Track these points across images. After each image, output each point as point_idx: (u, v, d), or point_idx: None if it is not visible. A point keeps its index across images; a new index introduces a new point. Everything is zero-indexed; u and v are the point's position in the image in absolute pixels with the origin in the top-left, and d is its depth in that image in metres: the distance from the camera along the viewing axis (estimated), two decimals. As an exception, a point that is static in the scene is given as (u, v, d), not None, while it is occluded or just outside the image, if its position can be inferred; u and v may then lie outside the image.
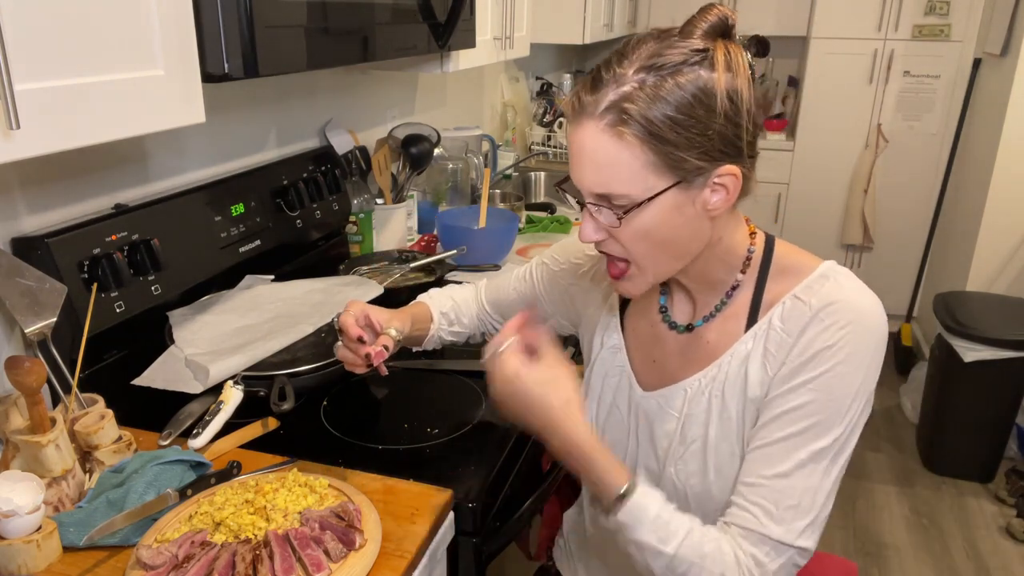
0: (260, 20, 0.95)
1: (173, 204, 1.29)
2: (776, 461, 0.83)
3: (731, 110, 0.77)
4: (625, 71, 0.77)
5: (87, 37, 0.76)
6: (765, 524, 0.81)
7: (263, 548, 0.80)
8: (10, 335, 1.08)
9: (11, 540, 0.82)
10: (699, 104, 0.76)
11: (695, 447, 0.91)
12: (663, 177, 0.78)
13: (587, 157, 0.80)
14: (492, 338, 0.87)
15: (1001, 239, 3.03)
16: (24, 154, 0.71)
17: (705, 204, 0.81)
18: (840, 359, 0.81)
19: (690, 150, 0.77)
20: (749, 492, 0.84)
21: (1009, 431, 2.74)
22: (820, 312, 0.83)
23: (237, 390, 1.11)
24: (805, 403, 0.82)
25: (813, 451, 0.81)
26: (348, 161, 1.85)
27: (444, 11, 1.46)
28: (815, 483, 0.81)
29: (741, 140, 0.79)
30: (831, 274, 0.86)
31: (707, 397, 0.91)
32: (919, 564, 2.39)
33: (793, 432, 0.82)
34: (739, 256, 0.90)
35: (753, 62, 0.80)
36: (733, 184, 0.80)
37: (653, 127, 0.76)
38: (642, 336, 1.00)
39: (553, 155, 3.13)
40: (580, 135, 0.80)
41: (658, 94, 0.76)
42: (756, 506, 0.82)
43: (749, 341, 0.88)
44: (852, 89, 3.68)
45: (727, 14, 0.80)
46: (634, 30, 3.92)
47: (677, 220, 0.81)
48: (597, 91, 0.78)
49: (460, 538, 1.01)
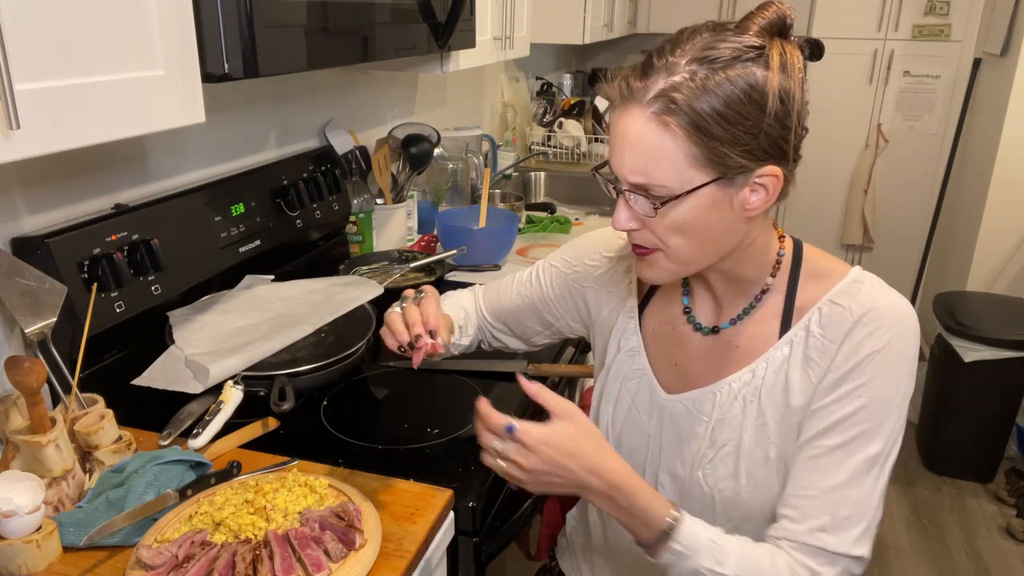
0: (260, 20, 0.95)
1: (173, 204, 1.29)
2: (830, 472, 0.82)
3: (781, 111, 0.76)
4: (677, 60, 0.76)
5: (87, 37, 0.76)
6: (820, 537, 0.81)
7: (263, 548, 0.80)
8: (10, 335, 1.08)
9: (11, 540, 0.82)
10: (749, 101, 0.75)
11: (726, 451, 0.90)
12: (704, 171, 0.77)
13: (629, 144, 0.78)
14: (483, 429, 0.82)
15: (1001, 239, 3.03)
16: (24, 154, 0.71)
17: (744, 203, 0.80)
18: (888, 364, 0.81)
19: (735, 147, 0.76)
20: (802, 503, 0.83)
21: (1009, 431, 2.73)
22: (863, 318, 0.82)
23: (237, 390, 1.11)
24: (856, 410, 0.82)
25: (865, 458, 0.81)
26: (348, 161, 1.85)
27: (444, 11, 1.46)
28: (868, 491, 0.81)
29: (788, 143, 0.79)
30: (863, 279, 0.86)
31: (741, 402, 0.90)
32: (919, 564, 2.39)
33: (845, 440, 0.82)
34: (769, 259, 0.89)
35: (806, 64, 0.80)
36: (773, 185, 0.80)
37: (700, 120, 0.75)
38: (663, 338, 0.98)
39: (553, 155, 3.13)
40: (625, 121, 0.79)
41: (708, 86, 0.74)
42: (811, 518, 0.82)
43: (785, 347, 0.88)
44: (852, 89, 3.68)
45: (786, 12, 0.78)
46: (634, 30, 3.92)
47: (713, 216, 0.80)
48: (647, 78, 0.77)
49: (460, 538, 1.01)
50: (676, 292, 0.98)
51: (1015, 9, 2.96)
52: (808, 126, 0.83)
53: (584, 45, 3.04)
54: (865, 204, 3.77)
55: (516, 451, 0.80)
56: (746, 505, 0.89)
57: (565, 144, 3.09)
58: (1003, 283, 3.08)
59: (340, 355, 1.21)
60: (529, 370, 1.30)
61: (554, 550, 1.24)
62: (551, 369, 1.32)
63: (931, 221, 3.69)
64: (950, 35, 3.50)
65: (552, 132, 3.13)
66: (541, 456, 0.79)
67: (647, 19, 4.04)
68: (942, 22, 3.49)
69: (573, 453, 0.79)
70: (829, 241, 3.91)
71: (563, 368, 1.34)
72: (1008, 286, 3.07)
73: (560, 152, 3.11)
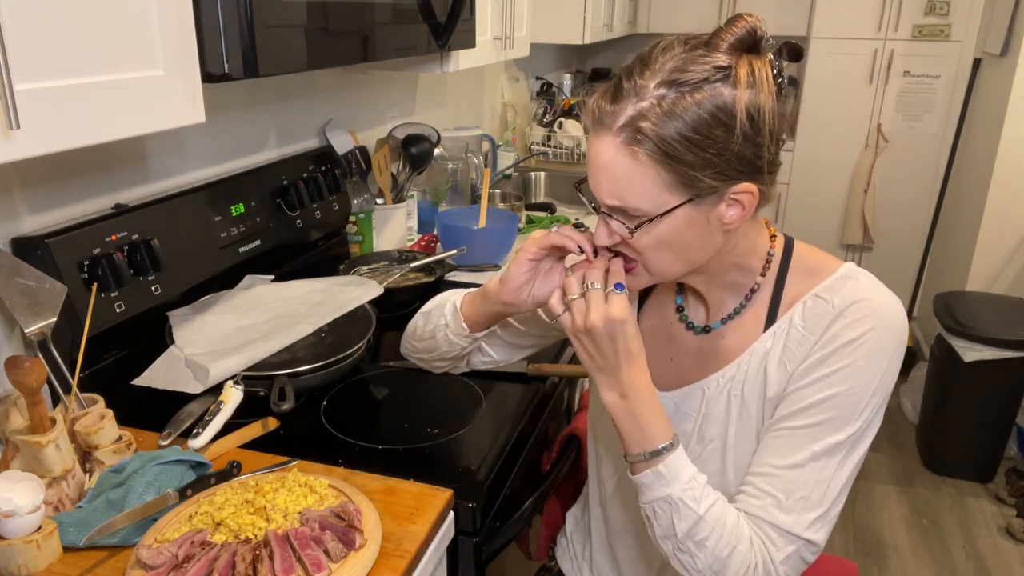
0: (260, 20, 0.95)
1: (173, 204, 1.29)
2: (789, 451, 0.83)
3: (751, 129, 0.76)
4: (646, 83, 0.77)
5: (87, 37, 0.76)
6: (773, 512, 0.82)
7: (263, 548, 0.80)
8: (10, 335, 1.08)
9: (11, 540, 0.82)
10: (717, 124, 0.75)
11: (713, 447, 0.92)
12: (676, 194, 0.78)
13: (603, 168, 0.80)
14: (568, 272, 0.87)
15: (1001, 239, 3.03)
16: (24, 154, 0.71)
17: (721, 218, 0.81)
18: (862, 354, 0.81)
19: (705, 170, 0.76)
20: (759, 480, 0.84)
21: (1009, 431, 2.73)
22: (844, 311, 0.83)
23: (237, 390, 1.11)
24: (825, 397, 0.82)
25: (828, 445, 0.82)
26: (348, 161, 1.85)
27: (444, 11, 1.46)
28: (827, 476, 0.82)
29: (760, 159, 0.79)
30: (852, 275, 0.86)
31: (726, 397, 0.91)
32: (919, 564, 2.39)
33: (809, 424, 0.83)
34: (757, 261, 0.90)
35: (785, 69, 0.80)
36: (749, 201, 0.80)
37: (668, 147, 0.75)
38: (658, 336, 0.99)
39: (553, 155, 3.13)
40: (597, 146, 0.80)
41: (675, 111, 0.75)
42: (766, 494, 0.83)
43: (768, 340, 0.88)
44: (852, 89, 3.68)
45: (755, 25, 0.78)
46: (634, 30, 3.92)
47: (690, 234, 0.81)
48: (616, 103, 0.78)
49: (460, 538, 1.01)
50: (670, 292, 0.99)
51: (1015, 9, 2.96)
52: (808, 126, 0.83)
53: (584, 45, 3.05)
54: (865, 204, 3.77)
55: (596, 303, 0.82)
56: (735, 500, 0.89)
57: (565, 144, 3.09)
58: (1003, 283, 3.08)
59: (340, 355, 1.21)
60: (529, 370, 1.30)
61: (554, 550, 1.24)
62: (551, 369, 1.32)
63: (931, 221, 3.69)
64: (950, 35, 3.50)
65: (552, 132, 3.13)
66: (609, 327, 0.82)
67: (647, 19, 4.04)
68: (942, 22, 3.49)
69: (626, 345, 0.83)
70: (829, 241, 3.91)
71: (563, 368, 1.34)
72: (1008, 286, 3.07)
73: (560, 152, 3.11)
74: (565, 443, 1.28)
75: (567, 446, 1.28)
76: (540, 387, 1.28)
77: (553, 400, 1.34)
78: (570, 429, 1.29)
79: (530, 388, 1.27)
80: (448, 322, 1.05)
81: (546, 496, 1.19)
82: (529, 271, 0.95)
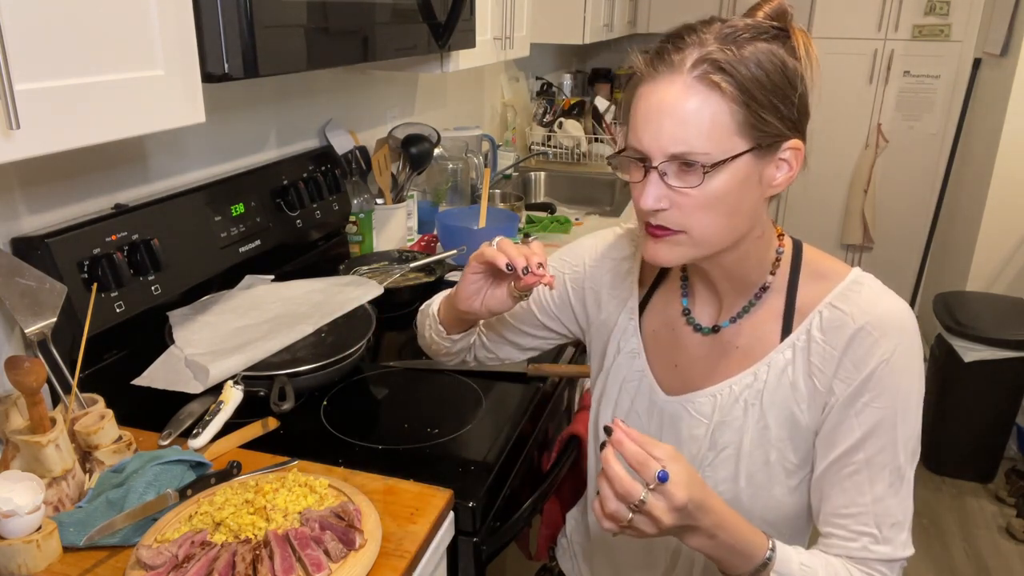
0: (260, 20, 0.95)
1: (173, 204, 1.29)
2: (869, 487, 0.84)
3: (803, 88, 0.80)
4: (706, 36, 0.78)
5: (87, 37, 0.76)
6: (873, 549, 0.83)
7: (263, 548, 0.80)
8: (10, 335, 1.08)
9: (11, 540, 0.82)
10: (781, 70, 0.78)
11: (726, 453, 0.91)
12: (744, 138, 0.78)
13: (668, 113, 0.78)
14: (610, 496, 0.73)
15: (1001, 239, 3.03)
16: (24, 154, 0.71)
17: (770, 180, 0.82)
18: (897, 371, 0.82)
19: (774, 112, 0.78)
20: (850, 522, 0.84)
21: (1009, 431, 2.74)
22: (865, 326, 0.83)
23: (237, 390, 1.11)
24: (877, 421, 0.83)
25: (897, 467, 0.83)
26: (348, 161, 1.85)
27: (444, 11, 1.46)
28: (905, 494, 0.84)
29: (806, 119, 0.82)
30: (863, 280, 0.87)
31: (743, 405, 0.90)
32: (919, 564, 2.39)
33: (874, 453, 0.83)
34: (770, 255, 0.90)
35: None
36: (795, 159, 0.82)
37: (744, 82, 0.76)
38: (662, 340, 0.98)
39: (553, 155, 3.12)
40: (662, 90, 0.78)
41: (743, 56, 0.77)
42: (862, 535, 0.84)
43: (788, 350, 0.88)
44: (852, 89, 3.68)
45: (787, 7, 0.82)
46: (634, 30, 3.92)
47: (743, 192, 0.80)
48: (681, 51, 0.78)
49: (460, 538, 1.01)
50: (675, 293, 0.98)
51: (1015, 9, 2.96)
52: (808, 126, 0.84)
53: (584, 45, 3.04)
54: (865, 204, 3.77)
55: (660, 510, 0.72)
56: (745, 508, 0.89)
57: (565, 144, 3.09)
58: (1003, 283, 3.08)
59: (340, 355, 1.21)
60: (529, 370, 1.30)
61: (554, 550, 1.24)
62: (551, 369, 1.32)
63: (931, 221, 3.69)
64: (950, 35, 3.50)
65: (552, 132, 3.13)
66: (683, 516, 0.73)
67: (647, 19, 4.03)
68: (942, 22, 3.49)
69: (696, 503, 0.74)
70: (829, 241, 3.91)
71: (563, 368, 1.34)
72: (1008, 286, 3.07)
73: (560, 152, 3.11)
74: (565, 443, 1.28)
75: (567, 446, 1.27)
76: (540, 387, 1.28)
77: (553, 400, 1.34)
78: (570, 429, 1.29)
79: (530, 388, 1.27)
80: (431, 323, 1.08)
81: (546, 496, 1.19)
82: (476, 283, 0.95)
